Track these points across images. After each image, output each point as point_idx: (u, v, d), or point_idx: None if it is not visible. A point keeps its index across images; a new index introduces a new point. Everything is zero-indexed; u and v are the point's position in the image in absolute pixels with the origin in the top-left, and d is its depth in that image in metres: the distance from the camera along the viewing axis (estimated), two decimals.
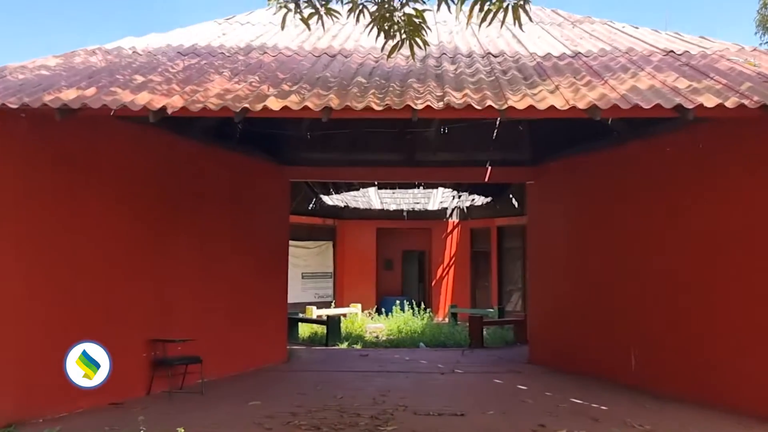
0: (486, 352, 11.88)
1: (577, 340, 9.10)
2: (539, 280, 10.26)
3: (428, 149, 10.46)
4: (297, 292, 18.42)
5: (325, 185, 13.95)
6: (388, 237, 20.47)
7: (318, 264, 19.22)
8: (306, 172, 10.47)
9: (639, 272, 7.96)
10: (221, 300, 8.84)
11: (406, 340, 12.98)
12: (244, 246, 9.41)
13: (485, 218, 19.18)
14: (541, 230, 10.23)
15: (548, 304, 9.88)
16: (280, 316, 10.33)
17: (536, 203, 10.40)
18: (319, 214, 19.04)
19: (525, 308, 18.17)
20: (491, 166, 10.28)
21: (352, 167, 10.37)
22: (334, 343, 12.54)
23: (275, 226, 10.25)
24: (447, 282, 19.71)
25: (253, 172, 9.75)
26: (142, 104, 5.01)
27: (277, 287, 10.24)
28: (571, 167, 9.43)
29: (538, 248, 10.33)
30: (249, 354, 9.37)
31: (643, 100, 4.98)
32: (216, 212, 8.86)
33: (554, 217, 9.82)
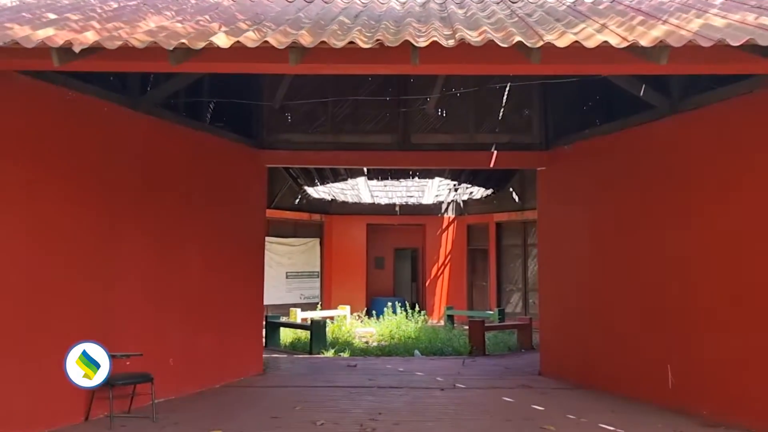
0: (489, 361, 10.57)
1: (599, 350, 7.80)
2: (552, 281, 8.96)
3: (425, 130, 9.14)
4: (281, 293, 17.19)
5: (309, 175, 12.58)
6: (379, 233, 19.24)
7: (304, 263, 17.92)
8: (285, 157, 9.11)
9: (679, 272, 6.67)
10: (182, 304, 7.48)
11: (399, 347, 11.64)
12: (212, 241, 8.05)
13: (483, 213, 17.96)
14: (554, 223, 8.92)
15: (564, 308, 8.58)
16: (255, 321, 8.97)
17: (549, 192, 9.10)
18: (304, 209, 17.76)
19: (526, 310, 17.03)
20: (497, 151, 9.01)
21: (339, 151, 9.03)
22: (319, 350, 11.19)
23: (249, 218, 8.89)
24: (442, 282, 18.47)
25: (224, 155, 8.39)
26: (39, 39, 3.65)
27: (251, 288, 8.88)
28: (592, 150, 8.13)
29: (551, 244, 9.02)
30: (216, 367, 8.01)
31: (729, 35, 3.66)
32: (178, 201, 7.50)
33: (571, 207, 8.52)
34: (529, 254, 17.04)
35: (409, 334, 13.11)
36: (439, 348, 11.51)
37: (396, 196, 16.88)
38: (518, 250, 17.28)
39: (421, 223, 18.69)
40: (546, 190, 9.17)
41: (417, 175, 12.51)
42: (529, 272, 16.99)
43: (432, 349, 11.47)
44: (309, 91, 9.17)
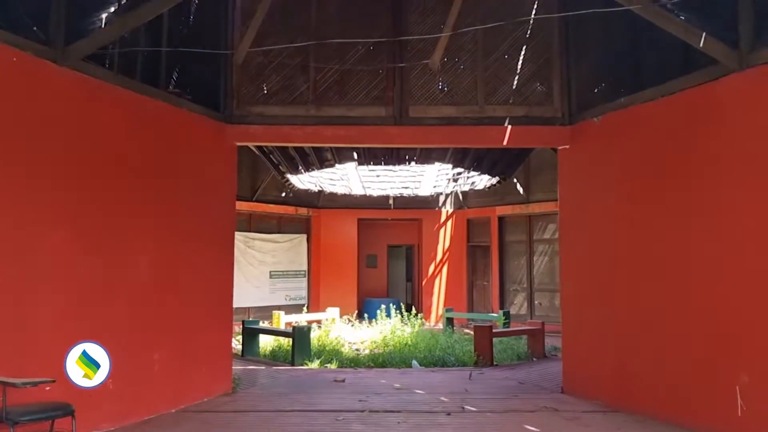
0: (498, 373, 9.12)
1: (642, 364, 6.36)
2: (579, 281, 7.52)
3: (426, 101, 7.66)
4: (264, 294, 15.78)
5: (292, 162, 11.07)
6: (371, 229, 17.83)
7: (289, 261, 16.49)
8: (258, 133, 7.60)
9: (754, 270, 5.25)
10: (125, 312, 5.98)
11: (395, 356, 10.17)
12: (167, 234, 6.57)
13: (484, 207, 16.61)
14: (581, 213, 7.49)
15: (594, 313, 7.13)
16: (222, 329, 7.47)
17: (573, 176, 7.66)
18: (290, 202, 16.32)
19: (532, 312, 15.62)
20: (511, 125, 7.56)
21: (322, 126, 7.55)
22: (303, 361, 9.71)
23: (215, 207, 7.40)
24: (439, 281, 17.10)
25: (182, 129, 6.91)
26: None
27: (217, 290, 7.39)
28: (631, 121, 6.69)
29: (577, 237, 7.58)
30: (171, 387, 6.52)
31: None
32: (120, 184, 6.00)
33: (602, 194, 7.08)
34: (534, 251, 15.68)
35: (405, 341, 11.66)
36: (439, 357, 10.05)
37: (390, 187, 15.41)
38: (523, 246, 15.93)
39: (417, 217, 17.31)
40: (569, 173, 7.73)
41: (414, 160, 11.01)
42: (535, 271, 15.62)
43: (432, 359, 10.01)
44: (287, 55, 7.69)
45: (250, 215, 15.71)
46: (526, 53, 7.73)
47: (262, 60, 7.70)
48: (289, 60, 7.67)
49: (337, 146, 10.02)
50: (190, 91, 7.15)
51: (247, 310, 15.50)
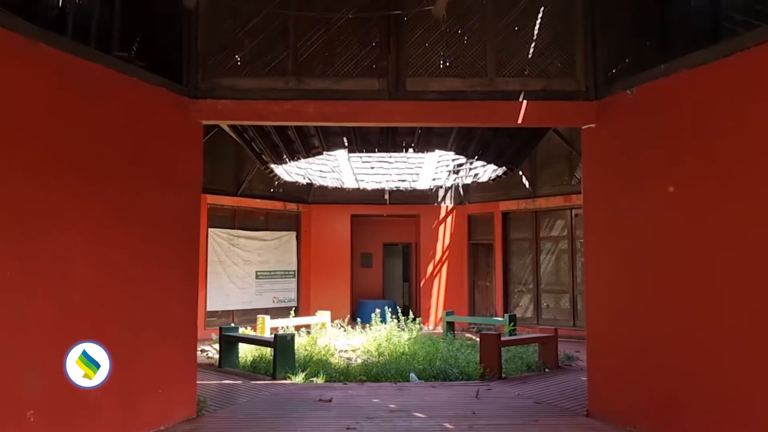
0: (509, 388, 7.95)
1: (692, 385, 5.20)
2: (610, 285, 6.34)
3: (426, 72, 6.49)
4: (250, 296, 14.64)
5: (275, 149, 9.89)
6: (365, 226, 16.68)
7: (277, 260, 15.34)
8: (229, 109, 6.40)
9: None
10: (52, 325, 4.79)
11: (390, 368, 8.98)
12: (111, 228, 5.39)
13: (487, 202, 15.47)
14: (611, 205, 6.30)
15: (628, 322, 5.96)
16: (184, 343, 6.27)
17: (600, 160, 6.49)
18: (278, 197, 15.17)
19: (539, 316, 14.48)
20: (526, 101, 6.40)
21: (304, 101, 6.36)
22: (285, 374, 8.54)
23: (175, 197, 6.21)
24: (439, 282, 15.96)
25: (134, 102, 5.73)
26: None
27: (178, 294, 6.19)
28: (677, 91, 5.52)
29: (606, 234, 6.40)
30: (114, 415, 5.33)
31: None
32: (47, 165, 4.83)
33: (639, 181, 5.91)
34: (541, 249, 14.56)
35: (401, 349, 10.49)
36: (441, 370, 8.87)
37: (385, 180, 14.24)
38: (529, 244, 14.81)
39: (415, 213, 16.16)
40: (596, 158, 6.56)
41: (412, 147, 9.81)
42: (542, 270, 14.49)
43: (432, 372, 8.83)
44: (264, 18, 6.51)
45: (234, 211, 14.55)
46: (544, 16, 6.57)
47: (233, 23, 6.52)
48: (265, 23, 6.48)
49: (321, 125, 8.80)
50: (145, 57, 5.97)
51: (232, 313, 14.37)
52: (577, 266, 13.77)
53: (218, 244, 14.05)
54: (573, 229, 13.85)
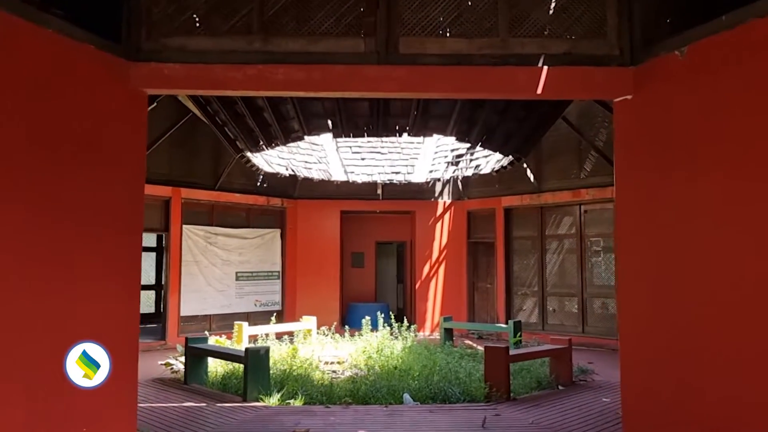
0: (520, 413, 6.74)
1: None
2: (654, 293, 5.11)
3: (423, 31, 5.24)
4: (229, 300, 13.45)
5: (251, 134, 8.63)
6: (356, 223, 15.48)
7: (260, 260, 14.14)
8: (179, 76, 5.15)
9: None
10: None
11: (381, 385, 7.74)
12: (18, 223, 4.14)
13: (488, 197, 14.30)
14: (652, 192, 5.07)
15: (683, 341, 4.73)
16: (122, 374, 4.98)
17: (640, 140, 5.26)
18: (261, 192, 13.95)
19: (544, 321, 13.30)
20: (547, 66, 5.19)
21: (272, 66, 5.12)
22: (257, 395, 7.31)
23: (109, 183, 4.94)
24: (435, 284, 14.78)
25: (54, 63, 4.48)
26: None
27: (113, 317, 4.91)
28: (742, 47, 4.30)
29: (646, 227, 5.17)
30: None
31: None
32: None
33: (691, 165, 4.68)
34: (547, 248, 13.40)
35: (394, 361, 9.26)
36: (440, 388, 7.63)
37: (377, 172, 13.00)
38: (533, 242, 13.64)
39: (410, 209, 14.96)
40: (632, 137, 5.33)
41: (407, 131, 8.54)
42: (547, 271, 13.32)
43: (429, 390, 7.60)
44: None
45: (212, 206, 13.31)
46: None
47: None
48: None
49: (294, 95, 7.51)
50: (75, 11, 4.70)
51: (209, 318, 13.13)
52: (587, 267, 12.66)
53: (194, 243, 12.81)
54: (582, 227, 12.72)
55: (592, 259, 12.74)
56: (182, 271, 12.52)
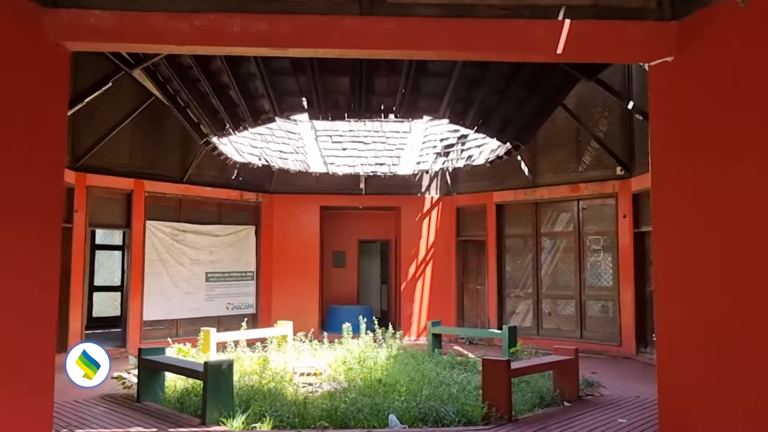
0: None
1: None
2: (704, 290, 4.13)
3: None
4: (199, 302, 12.38)
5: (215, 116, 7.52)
6: (337, 220, 14.47)
7: (233, 259, 13.07)
8: (106, 27, 4.08)
9: None
10: None
11: (363, 404, 6.70)
12: None
13: (479, 192, 13.36)
14: (702, 179, 4.09)
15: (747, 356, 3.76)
16: (32, 401, 3.90)
17: (683, 114, 4.27)
18: (233, 185, 12.86)
19: (539, 326, 12.38)
20: (569, 20, 4.20)
21: (225, 15, 4.07)
22: (218, 417, 6.24)
23: (18, 163, 3.84)
24: (422, 285, 13.83)
25: None
26: None
27: (14, 316, 3.83)
28: None
29: (692, 221, 4.19)
30: None
31: None
32: None
33: (757, 145, 3.70)
34: (542, 247, 12.49)
35: (377, 373, 8.24)
36: (431, 407, 6.60)
37: (360, 163, 11.96)
38: (527, 241, 12.74)
39: (395, 205, 13.98)
40: (674, 109, 4.35)
41: (394, 111, 7.50)
42: (543, 272, 12.39)
43: (419, 410, 6.54)
44: None
45: (180, 201, 12.19)
46: None
47: None
48: None
49: (255, 53, 6.36)
50: None
51: (176, 323, 11.99)
52: (585, 267, 11.82)
53: (159, 240, 11.69)
54: (580, 224, 11.88)
55: (590, 258, 11.91)
56: (146, 271, 11.41)
